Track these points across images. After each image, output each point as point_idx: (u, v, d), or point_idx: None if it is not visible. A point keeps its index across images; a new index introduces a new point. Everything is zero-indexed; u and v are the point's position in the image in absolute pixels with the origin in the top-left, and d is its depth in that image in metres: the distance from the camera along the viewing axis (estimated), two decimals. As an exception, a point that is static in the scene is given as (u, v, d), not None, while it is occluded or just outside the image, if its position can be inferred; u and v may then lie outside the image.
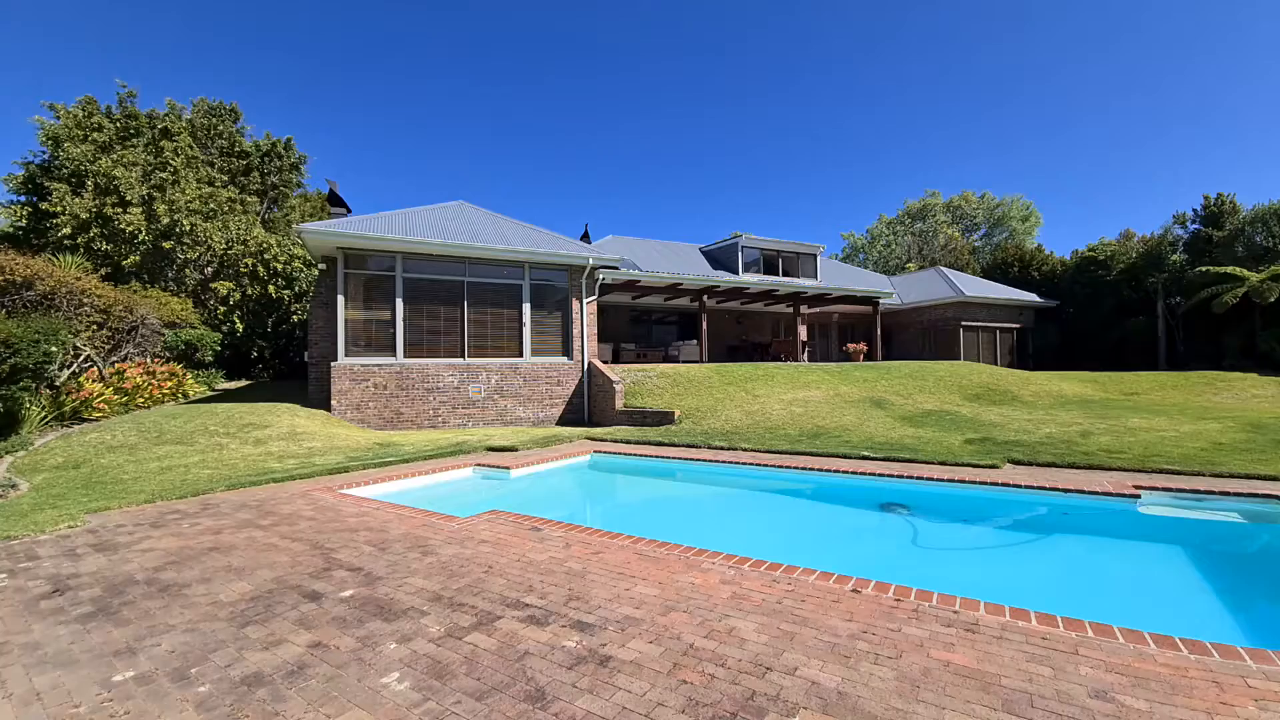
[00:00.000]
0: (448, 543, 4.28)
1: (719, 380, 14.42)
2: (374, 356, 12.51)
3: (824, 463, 7.63)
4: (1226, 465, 6.61)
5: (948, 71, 66.73)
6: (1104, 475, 6.45)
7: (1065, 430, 9.78)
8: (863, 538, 5.91)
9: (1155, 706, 2.08)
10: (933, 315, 26.48)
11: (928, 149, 74.39)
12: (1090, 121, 66.60)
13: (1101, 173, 70.62)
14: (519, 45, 64.46)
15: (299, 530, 4.67)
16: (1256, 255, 23.43)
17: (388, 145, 76.19)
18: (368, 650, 2.57)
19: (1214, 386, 17.76)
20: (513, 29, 60.90)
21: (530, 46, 65.07)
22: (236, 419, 10.47)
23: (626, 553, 3.99)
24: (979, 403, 13.96)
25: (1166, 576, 4.64)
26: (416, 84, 68.01)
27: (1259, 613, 3.97)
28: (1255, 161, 60.32)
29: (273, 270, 21.36)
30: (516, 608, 3.04)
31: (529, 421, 13.66)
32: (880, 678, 2.29)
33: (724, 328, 24.60)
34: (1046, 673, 2.33)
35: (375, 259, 12.69)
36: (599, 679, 2.29)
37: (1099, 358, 26.56)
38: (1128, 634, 2.65)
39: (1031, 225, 48.46)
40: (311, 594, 3.27)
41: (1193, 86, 59.48)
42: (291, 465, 7.82)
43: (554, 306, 14.50)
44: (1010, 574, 4.74)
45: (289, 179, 26.65)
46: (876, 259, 50.05)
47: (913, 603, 3.06)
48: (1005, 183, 77.57)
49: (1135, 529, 5.51)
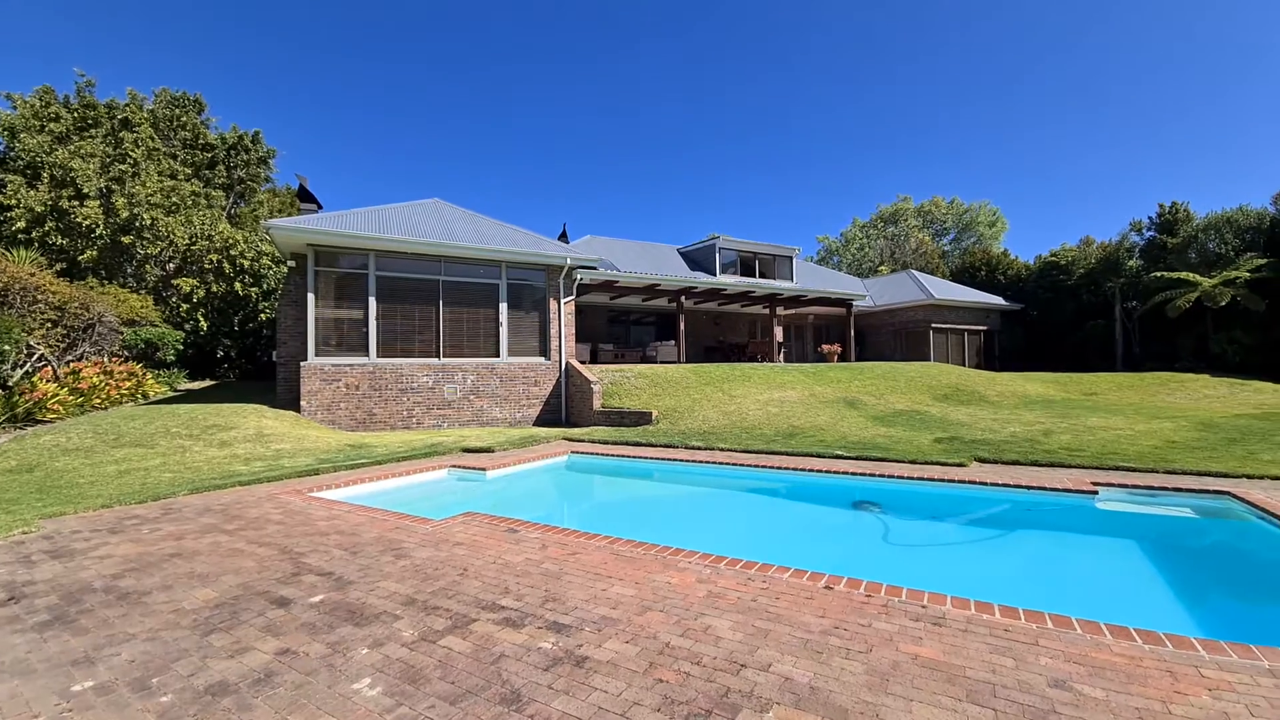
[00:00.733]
0: (422, 545, 4.23)
1: (696, 381, 14.51)
2: (346, 356, 12.25)
3: (799, 462, 7.75)
4: (1179, 463, 6.91)
5: (921, 78, 68.34)
6: (1064, 473, 6.69)
7: (1029, 429, 10.12)
8: (836, 535, 6.02)
9: (1111, 695, 2.17)
10: (904, 317, 27.08)
11: (901, 153, 76.07)
12: (1054, 129, 68.98)
13: (1064, 180, 73.19)
14: (496, 44, 63.86)
15: (266, 535, 4.55)
16: (1209, 261, 24.57)
17: (361, 143, 74.65)
18: (338, 656, 2.52)
19: (1168, 387, 18.57)
20: (490, 30, 60.32)
21: (507, 45, 64.53)
22: (200, 420, 10.14)
23: (603, 553, 3.99)
24: (948, 403, 14.33)
25: (1123, 570, 4.83)
26: (391, 80, 66.83)
27: (1211, 605, 4.17)
28: (1210, 170, 63.30)
29: (239, 267, 20.76)
30: (492, 610, 3.01)
31: (506, 422, 13.54)
32: (851, 672, 2.34)
33: (701, 328, 24.76)
34: (1009, 664, 2.41)
35: (347, 256, 12.42)
36: (575, 680, 2.29)
37: (1061, 359, 27.52)
38: (1085, 625, 2.76)
39: (998, 230, 49.94)
40: (280, 600, 3.19)
41: (1151, 97, 62.09)
42: (259, 468, 7.61)
43: (531, 306, 14.40)
44: (976, 569, 4.89)
45: (257, 173, 25.93)
46: (850, 262, 50.95)
47: (883, 598, 3.13)
48: (973, 188, 79.84)
49: (1093, 524, 5.73)
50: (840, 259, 52.38)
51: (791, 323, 28.03)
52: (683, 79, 73.03)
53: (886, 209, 52.72)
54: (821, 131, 77.21)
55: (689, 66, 70.16)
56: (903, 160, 75.73)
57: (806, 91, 72.55)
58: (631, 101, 76.99)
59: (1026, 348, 28.87)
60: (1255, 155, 59.39)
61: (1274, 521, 4.73)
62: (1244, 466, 6.63)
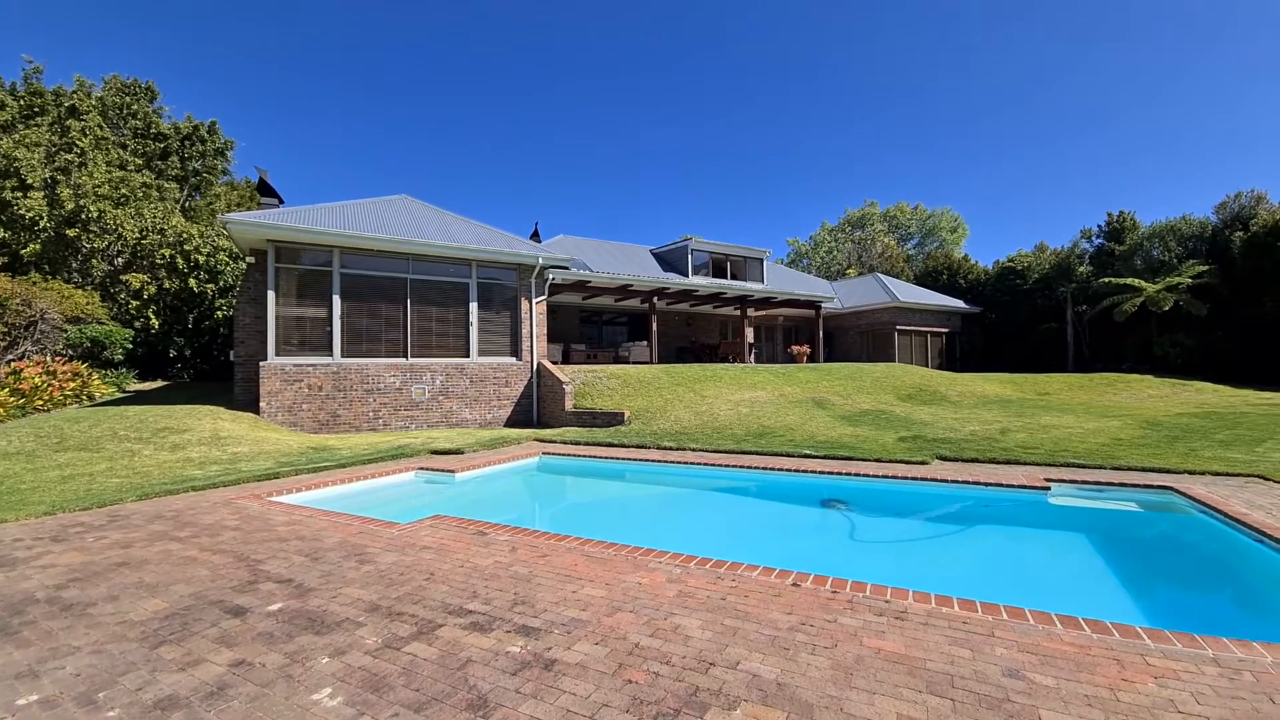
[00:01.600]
0: (387, 550, 4.13)
1: (668, 381, 14.57)
2: (308, 356, 11.88)
3: (769, 461, 7.86)
4: (1126, 459, 7.27)
5: (888, 89, 70.18)
6: (1020, 469, 6.95)
7: (987, 428, 10.48)
8: (805, 533, 6.12)
9: (1062, 683, 2.26)
10: (871, 319, 27.74)
11: (869, 161, 77.93)
12: (1013, 139, 71.69)
13: (1022, 188, 76.15)
14: (470, 45, 62.89)
15: (221, 542, 4.37)
16: (1153, 268, 25.90)
17: (327, 139, 72.50)
18: (297, 666, 2.44)
19: (1115, 387, 19.49)
20: (465, 31, 59.38)
21: (481, 47, 63.63)
22: (151, 423, 9.70)
23: (574, 555, 3.97)
24: (911, 402, 14.74)
25: (1073, 562, 5.05)
26: (359, 77, 65.12)
27: (1156, 595, 4.39)
28: (1153, 179, 66.81)
29: (194, 262, 19.90)
30: (459, 615, 2.96)
31: (476, 423, 13.34)
32: (817, 667, 2.39)
33: (674, 329, 24.88)
34: (966, 655, 2.49)
35: (310, 253, 12.05)
36: (543, 683, 2.27)
37: (1018, 360, 28.61)
38: (1038, 616, 2.88)
39: (959, 236, 51.67)
40: (235, 609, 3.08)
41: (1097, 111, 65.16)
42: (214, 472, 7.32)
43: (502, 306, 14.23)
44: (938, 563, 5.04)
45: (213, 165, 24.96)
46: (819, 264, 51.95)
47: (848, 594, 3.20)
48: (936, 195, 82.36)
49: (1046, 519, 5.97)
50: (810, 261, 53.35)
51: (762, 324, 28.41)
52: (669, 88, 73.31)
53: (854, 213, 53.96)
54: (795, 140, 78.58)
55: (674, 82, 70.49)
56: (871, 167, 77.65)
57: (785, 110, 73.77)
58: (612, 105, 76.95)
59: (985, 349, 29.94)
60: (1198, 166, 63.00)
61: (1214, 515, 5.01)
62: (1186, 463, 7.00)
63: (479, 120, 78.73)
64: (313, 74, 61.13)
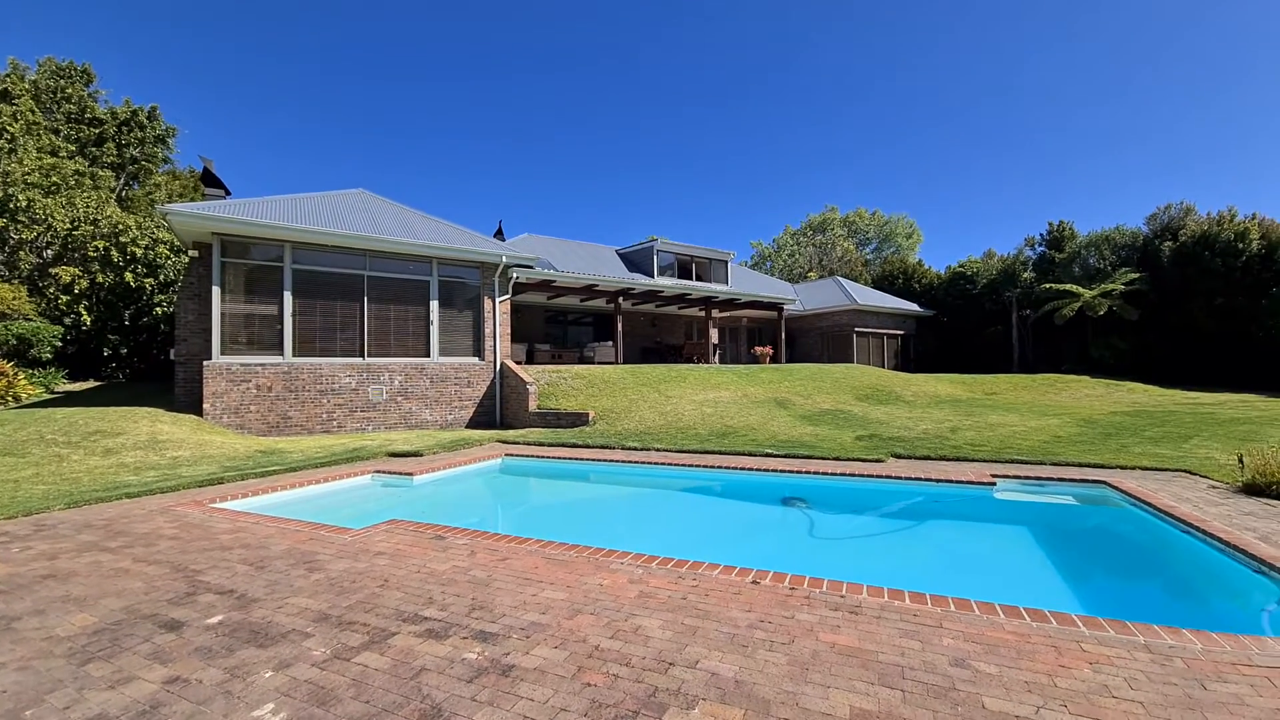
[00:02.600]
0: (339, 557, 3.98)
1: (633, 381, 14.58)
2: (257, 355, 11.36)
3: (732, 461, 7.95)
4: (1064, 455, 7.67)
5: (851, 98, 72.18)
6: (969, 466, 7.25)
7: (939, 426, 10.89)
8: (766, 531, 6.22)
9: (1004, 670, 2.36)
10: (831, 321, 28.45)
11: (833, 165, 79.95)
12: (963, 148, 74.84)
13: (974, 195, 79.57)
14: (430, 43, 61.44)
15: (157, 552, 4.13)
16: (1090, 275, 27.43)
17: (281, 130, 69.54)
18: (237, 681, 2.32)
19: (1055, 387, 20.57)
20: (423, 29, 57.96)
21: (441, 44, 62.27)
22: (81, 426, 9.09)
23: (535, 557, 3.92)
24: (868, 402, 15.19)
25: (1016, 553, 5.30)
26: (318, 66, 62.72)
27: (1091, 584, 4.64)
28: (1093, 189, 70.90)
29: (130, 255, 18.76)
30: (414, 622, 2.88)
31: (436, 425, 13.03)
32: (774, 663, 2.42)
33: (639, 330, 24.91)
34: (916, 646, 2.57)
35: (260, 247, 11.53)
36: (500, 689, 2.23)
37: (968, 361, 29.86)
38: (983, 606, 3.00)
39: (914, 242, 53.58)
40: (170, 623, 2.90)
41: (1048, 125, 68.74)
42: (151, 478, 6.91)
43: (465, 305, 13.94)
44: (892, 557, 5.20)
45: (152, 152, 23.62)
46: (782, 267, 52.97)
47: (805, 590, 3.26)
48: (893, 201, 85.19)
49: (992, 512, 6.25)
50: (773, 264, 54.33)
51: (726, 325, 28.76)
52: (637, 88, 73.32)
53: (816, 218, 55.25)
54: (760, 147, 79.90)
55: (641, 82, 70.55)
56: (833, 173, 79.68)
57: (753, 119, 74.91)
58: (579, 104, 76.47)
59: (938, 351, 31.13)
60: (1131, 179, 67.22)
61: (1144, 508, 5.34)
62: (1118, 458, 7.45)
63: (442, 114, 77.06)
64: (268, 61, 58.55)
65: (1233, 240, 22.76)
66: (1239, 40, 52.86)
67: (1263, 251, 22.35)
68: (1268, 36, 49.41)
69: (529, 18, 59.54)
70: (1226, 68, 56.15)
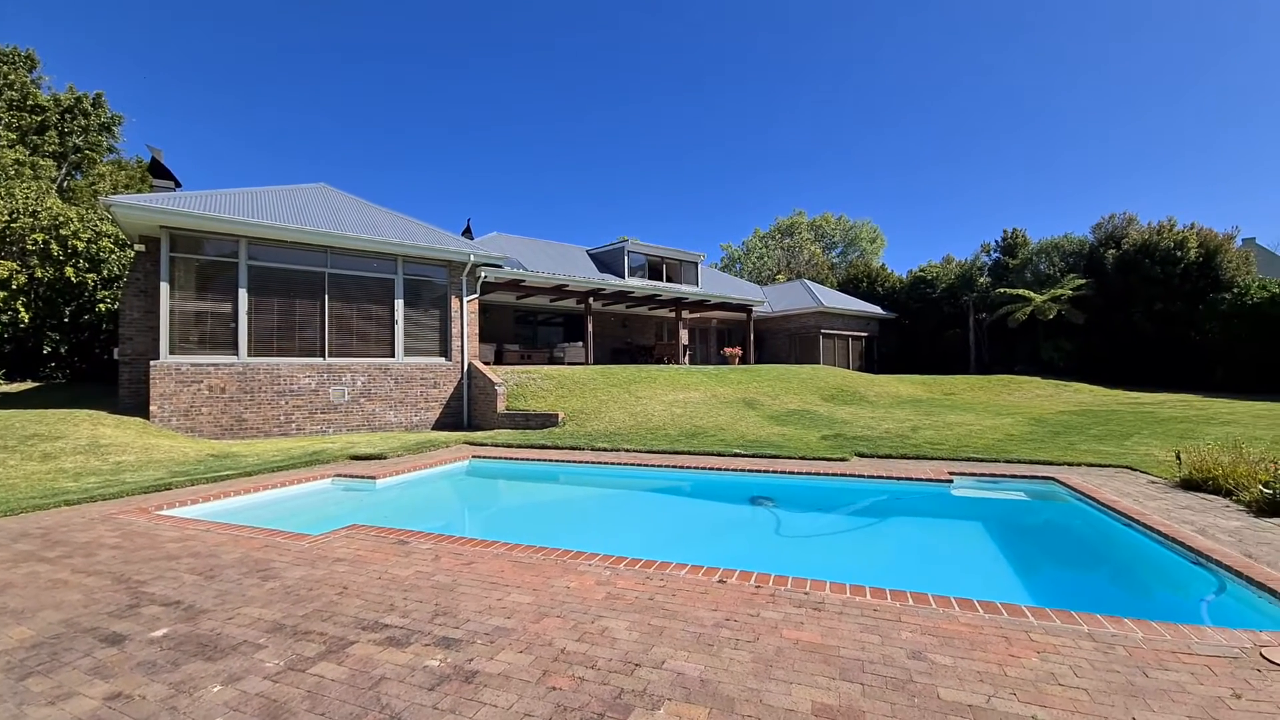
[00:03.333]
0: (295, 564, 3.84)
1: (604, 382, 14.54)
2: (210, 355, 10.88)
3: (701, 461, 8.01)
4: (1016, 453, 7.99)
5: (824, 102, 73.71)
6: (928, 464, 7.48)
7: (900, 426, 11.21)
8: (734, 530, 6.29)
9: (958, 661, 2.44)
10: (798, 323, 28.97)
11: (799, 172, 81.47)
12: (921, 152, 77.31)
13: (935, 202, 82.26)
14: (393, 35, 60.02)
15: (98, 562, 3.91)
16: (1041, 280, 28.68)
17: (241, 122, 66.79)
18: (183, 697, 2.21)
19: (1009, 388, 21.42)
20: (384, 23, 56.59)
21: (406, 35, 60.91)
22: (17, 429, 8.56)
23: (501, 561, 3.86)
24: (834, 402, 15.52)
25: (971, 547, 5.49)
26: (274, 56, 60.47)
27: (1041, 576, 4.84)
28: (1042, 198, 74.19)
29: (72, 249, 17.72)
30: (374, 630, 2.80)
31: (401, 426, 12.73)
32: (739, 661, 2.45)
33: (610, 330, 24.86)
34: (876, 640, 2.64)
35: (213, 242, 11.05)
36: (463, 696, 2.19)
37: (929, 362, 30.84)
38: (939, 600, 3.10)
39: (878, 246, 55.03)
40: (111, 637, 2.76)
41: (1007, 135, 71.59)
42: (92, 484, 6.55)
43: (431, 304, 13.66)
44: (855, 553, 5.33)
45: (97, 141, 22.42)
46: (751, 269, 53.66)
47: (771, 588, 3.31)
48: (859, 206, 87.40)
49: (949, 509, 6.47)
50: (742, 266, 54.99)
51: (696, 326, 28.96)
52: (607, 89, 73.14)
53: (784, 221, 56.16)
54: (731, 149, 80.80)
55: (612, 83, 70.43)
56: (801, 177, 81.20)
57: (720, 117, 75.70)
58: (550, 103, 75.89)
59: (900, 352, 32.06)
60: (1079, 190, 70.62)
61: (1089, 502, 5.61)
62: (1065, 455, 7.80)
63: (408, 109, 75.42)
64: (227, 48, 56.16)
65: (1172, 249, 24.12)
66: (1184, 53, 56.23)
67: (1200, 259, 23.74)
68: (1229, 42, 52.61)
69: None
70: (1164, 80, 59.56)
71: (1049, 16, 54.89)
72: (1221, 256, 23.51)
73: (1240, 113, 61.35)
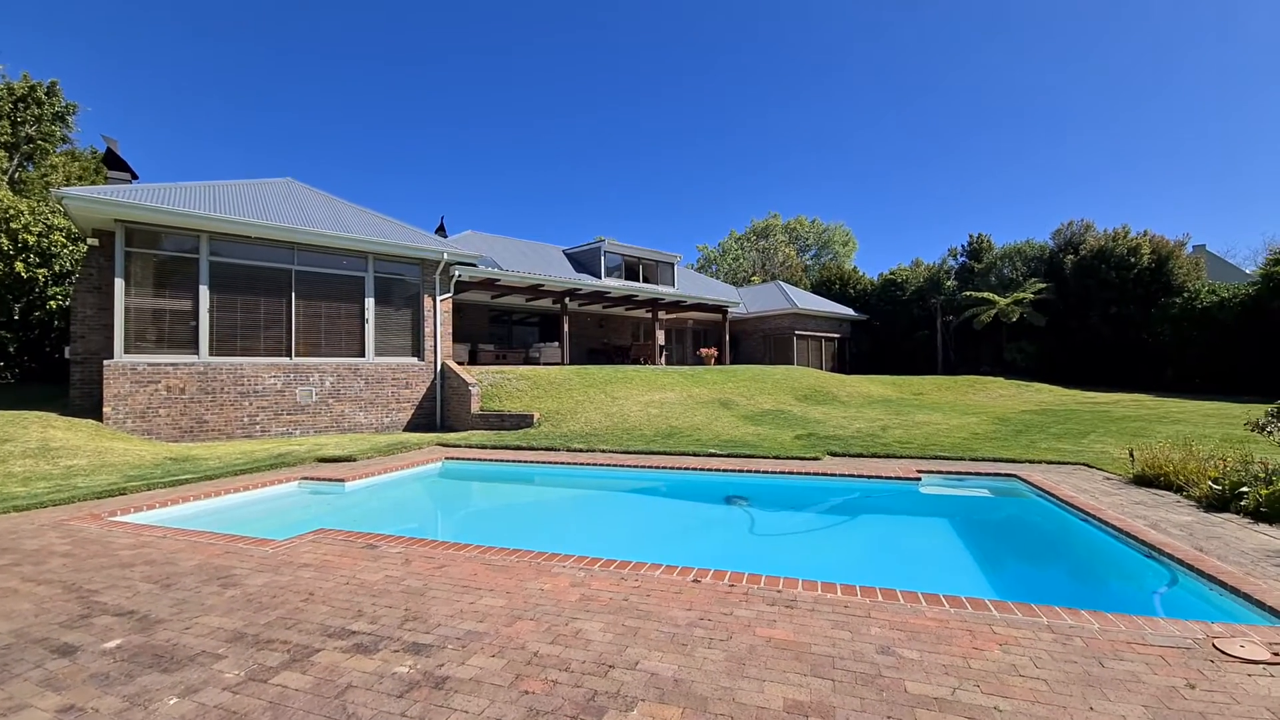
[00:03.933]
0: (258, 571, 3.72)
1: (580, 382, 14.47)
2: (168, 354, 10.48)
3: (676, 461, 8.04)
4: (981, 451, 8.23)
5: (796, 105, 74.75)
6: (897, 463, 7.65)
7: (871, 425, 11.44)
8: (709, 529, 6.33)
9: (924, 655, 2.50)
10: (772, 324, 29.33)
11: (773, 174, 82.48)
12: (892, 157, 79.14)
13: (904, 206, 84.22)
14: (367, 29, 58.74)
15: (48, 570, 3.73)
16: (1004, 284, 29.64)
17: (206, 115, 64.44)
18: (137, 710, 2.12)
19: (974, 388, 22.06)
20: (360, 17, 55.35)
21: (379, 30, 59.68)
22: (-46, 433, 8.09)
23: (474, 564, 3.81)
24: (807, 402, 15.76)
25: (938, 543, 5.63)
26: (247, 45, 58.57)
27: (1003, 570, 4.99)
28: (1006, 203, 76.59)
29: (21, 243, 16.85)
30: (340, 637, 2.73)
31: (372, 428, 12.46)
32: (713, 660, 2.46)
33: (586, 330, 24.77)
34: (846, 636, 2.68)
35: (172, 237, 10.65)
36: (433, 703, 2.15)
37: (899, 363, 31.57)
38: (907, 595, 3.16)
39: (850, 249, 56.06)
40: (63, 648, 2.63)
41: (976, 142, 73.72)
42: (41, 489, 6.24)
43: (403, 303, 13.40)
44: (828, 551, 5.41)
45: (50, 131, 21.41)
46: (727, 271, 54.13)
47: (744, 587, 3.33)
48: (831, 209, 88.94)
49: (917, 506, 6.62)
50: (718, 268, 55.42)
51: (673, 327, 29.07)
52: (584, 89, 72.81)
53: (759, 223, 56.79)
54: (705, 150, 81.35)
55: (591, 84, 70.12)
56: (775, 180, 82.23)
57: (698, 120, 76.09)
58: (530, 102, 75.25)
59: (871, 353, 32.75)
60: (1041, 195, 73.14)
61: (1048, 498, 5.80)
62: (1027, 453, 8.07)
63: (381, 105, 73.92)
64: (192, 44, 54.12)
65: (1126, 255, 25.18)
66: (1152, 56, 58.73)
67: (1153, 265, 24.84)
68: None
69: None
70: (1137, 83, 62.11)
71: (1025, 17, 56.65)
72: (1173, 262, 24.63)
73: (1196, 124, 64.43)
